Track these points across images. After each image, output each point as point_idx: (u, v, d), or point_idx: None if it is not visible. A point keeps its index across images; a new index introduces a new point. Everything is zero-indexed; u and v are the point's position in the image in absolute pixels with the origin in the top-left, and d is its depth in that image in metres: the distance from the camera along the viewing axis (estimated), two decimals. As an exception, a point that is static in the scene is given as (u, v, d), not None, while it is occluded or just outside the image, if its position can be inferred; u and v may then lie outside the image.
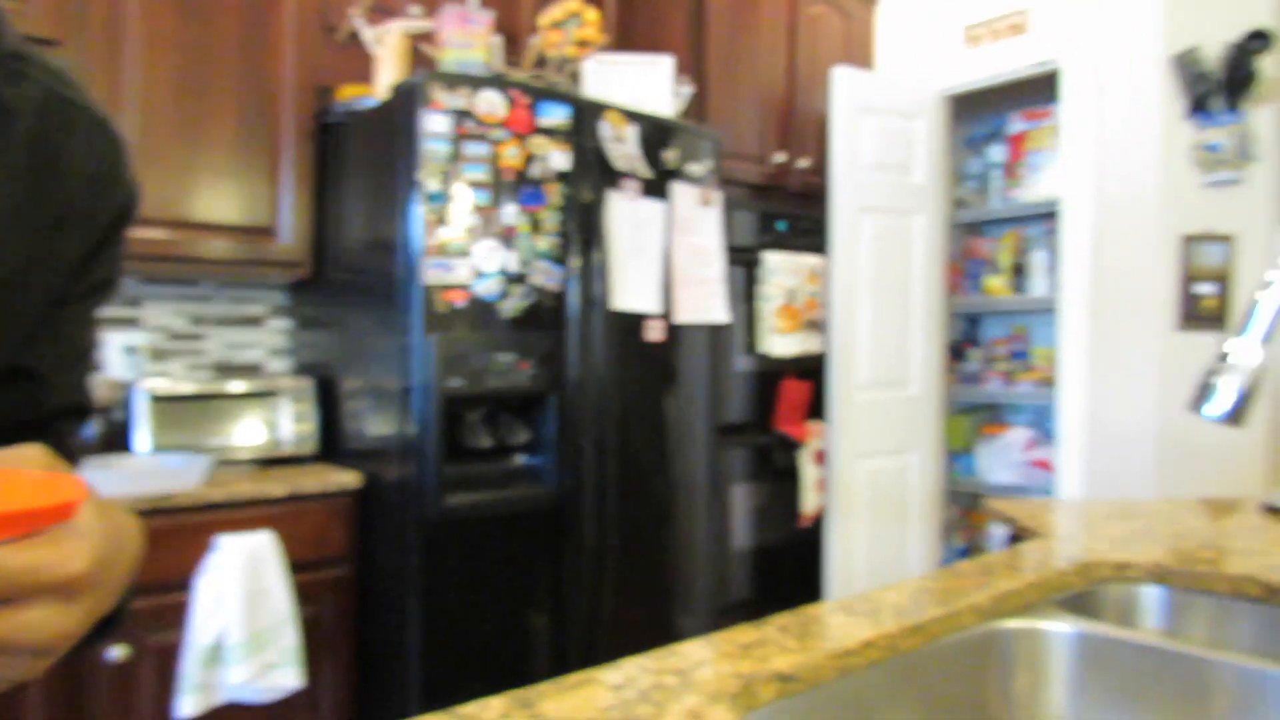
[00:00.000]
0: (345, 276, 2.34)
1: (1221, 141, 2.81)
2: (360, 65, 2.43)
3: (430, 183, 1.96)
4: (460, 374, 2.01)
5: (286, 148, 2.36)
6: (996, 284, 3.74)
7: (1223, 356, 0.77)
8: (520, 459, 2.24)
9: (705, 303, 2.49)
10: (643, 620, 2.38)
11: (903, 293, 3.30)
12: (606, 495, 2.27)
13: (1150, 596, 1.18)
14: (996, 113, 3.82)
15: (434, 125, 1.97)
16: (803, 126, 3.26)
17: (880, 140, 3.21)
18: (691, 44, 2.96)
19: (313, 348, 2.57)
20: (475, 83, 2.03)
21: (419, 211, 1.96)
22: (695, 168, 2.48)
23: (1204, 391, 0.75)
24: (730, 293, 2.69)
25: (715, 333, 2.59)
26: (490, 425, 2.17)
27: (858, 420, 3.15)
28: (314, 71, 2.38)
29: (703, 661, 0.81)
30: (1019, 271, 3.71)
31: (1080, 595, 1.15)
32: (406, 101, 2.00)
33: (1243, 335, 0.76)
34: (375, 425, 2.17)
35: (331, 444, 2.38)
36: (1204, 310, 2.86)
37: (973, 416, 3.91)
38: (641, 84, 2.52)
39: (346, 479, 2.15)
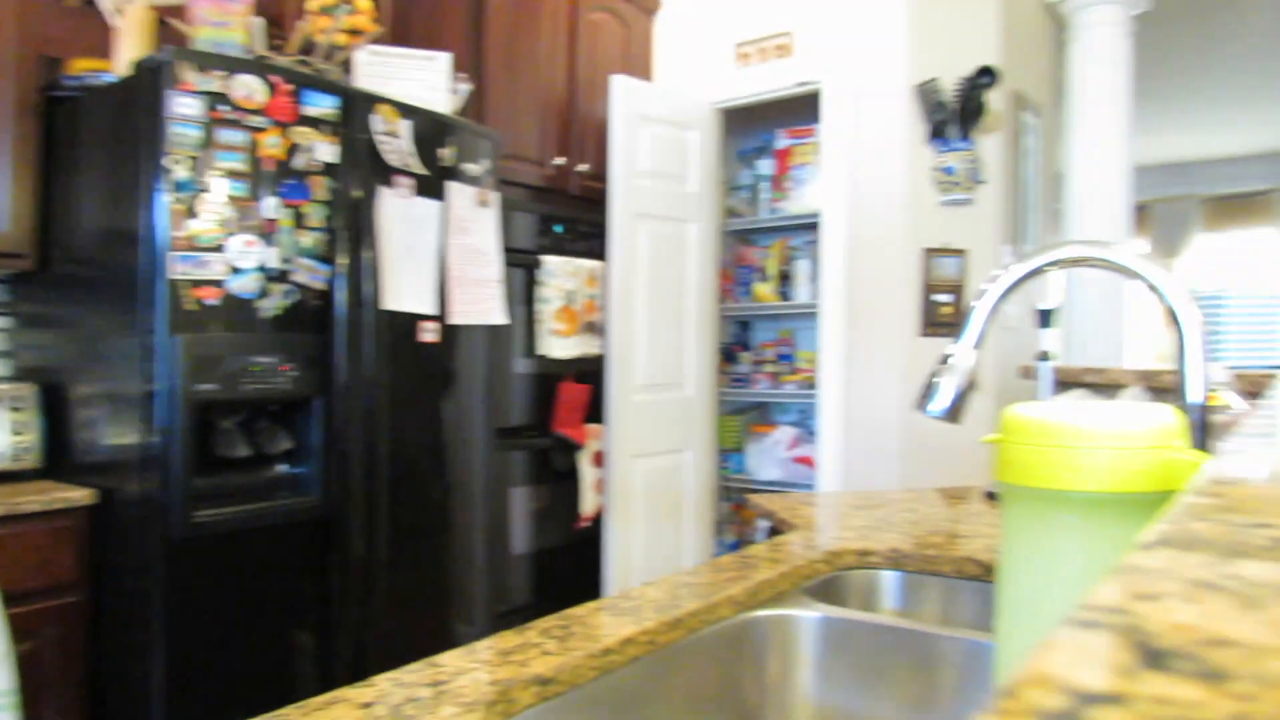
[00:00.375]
0: (77, 270, 2.10)
1: (955, 165, 3.12)
2: (96, 36, 2.19)
3: (178, 170, 1.80)
4: (212, 377, 1.86)
5: (3, 121, 2.08)
6: (765, 290, 3.95)
7: (944, 359, 0.85)
8: (282, 468, 2.10)
9: (482, 304, 2.45)
10: (419, 632, 2.30)
11: (678, 297, 3.42)
12: (377, 503, 2.17)
13: (889, 580, 1.28)
14: (766, 128, 4.04)
15: (183, 108, 1.81)
16: (583, 131, 3.30)
17: (657, 149, 3.30)
18: (470, 41, 2.91)
19: (36, 349, 2.29)
20: (231, 64, 1.89)
21: (165, 201, 1.79)
22: (472, 167, 2.43)
23: (927, 391, 0.82)
24: (509, 295, 2.66)
25: (493, 335, 2.56)
26: (249, 433, 2.02)
27: (635, 421, 3.22)
28: (40, 40, 2.12)
29: (461, 671, 0.79)
30: (786, 279, 3.94)
31: (827, 582, 1.23)
32: (152, 80, 1.83)
33: (960, 340, 0.84)
34: (112, 435, 1.96)
35: (58, 457, 2.13)
36: (941, 317, 3.16)
37: (743, 416, 4.11)
38: (417, 79, 2.45)
39: (76, 495, 1.93)
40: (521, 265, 2.90)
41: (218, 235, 1.86)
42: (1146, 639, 0.16)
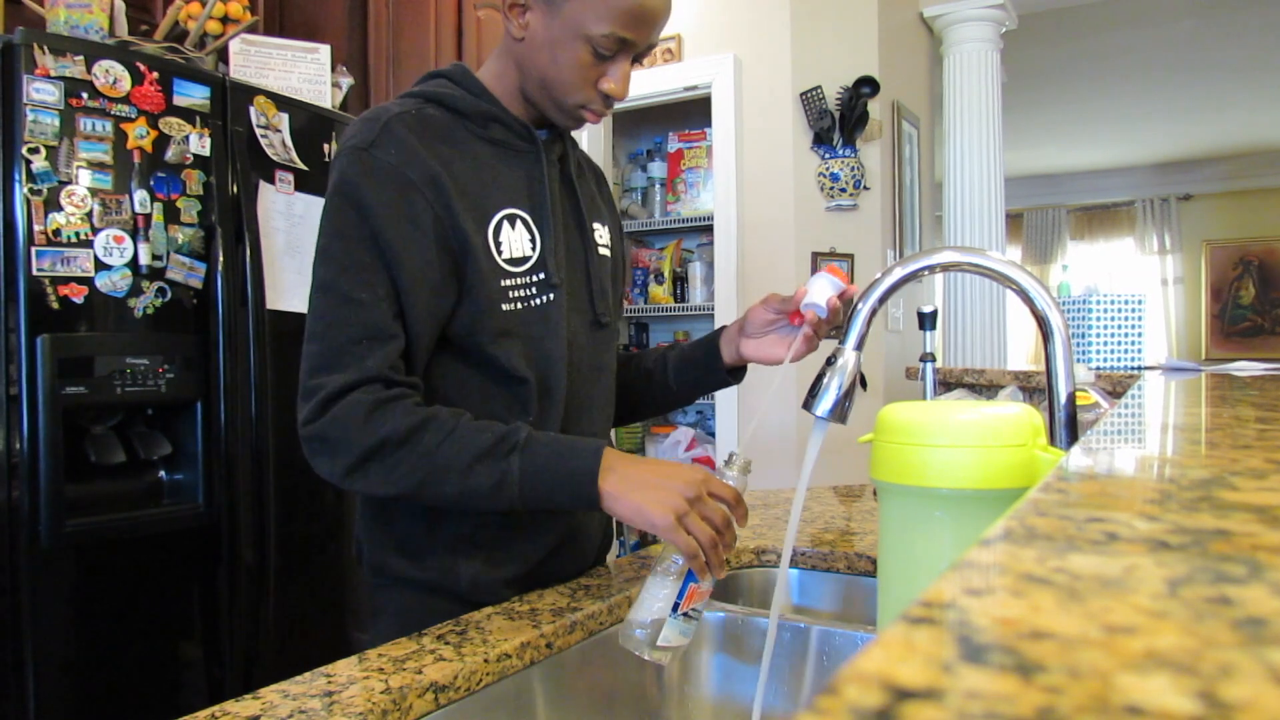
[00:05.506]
0: (-77, 266, 1.95)
1: (840, 172, 3.22)
2: (-55, 15, 2.04)
3: (36, 160, 1.70)
4: (81, 380, 1.76)
5: None
6: (660, 293, 3.99)
7: (830, 360, 0.88)
8: (163, 474, 2.00)
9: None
10: (313, 642, 2.23)
11: (575, 298, 3.41)
12: (267, 510, 2.10)
13: (788, 576, 1.31)
14: (657, 130, 4.08)
15: (39, 94, 1.70)
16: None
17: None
18: (352, 34, 2.84)
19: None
20: (91, 49, 1.79)
21: (22, 192, 1.69)
22: (361, 164, 2.37)
23: (813, 392, 0.85)
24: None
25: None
26: (125, 438, 1.92)
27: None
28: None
29: (353, 680, 0.77)
30: (680, 281, 3.98)
31: (726, 580, 1.25)
32: (3, 63, 1.72)
33: (844, 342, 0.87)
34: (-35, 443, 1.83)
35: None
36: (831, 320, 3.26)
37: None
38: (296, 71, 2.37)
39: (-76, 509, 1.79)
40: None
41: (83, 230, 1.77)
42: (970, 634, 0.17)
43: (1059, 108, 6.44)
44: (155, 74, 1.89)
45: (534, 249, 1.03)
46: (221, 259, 2.00)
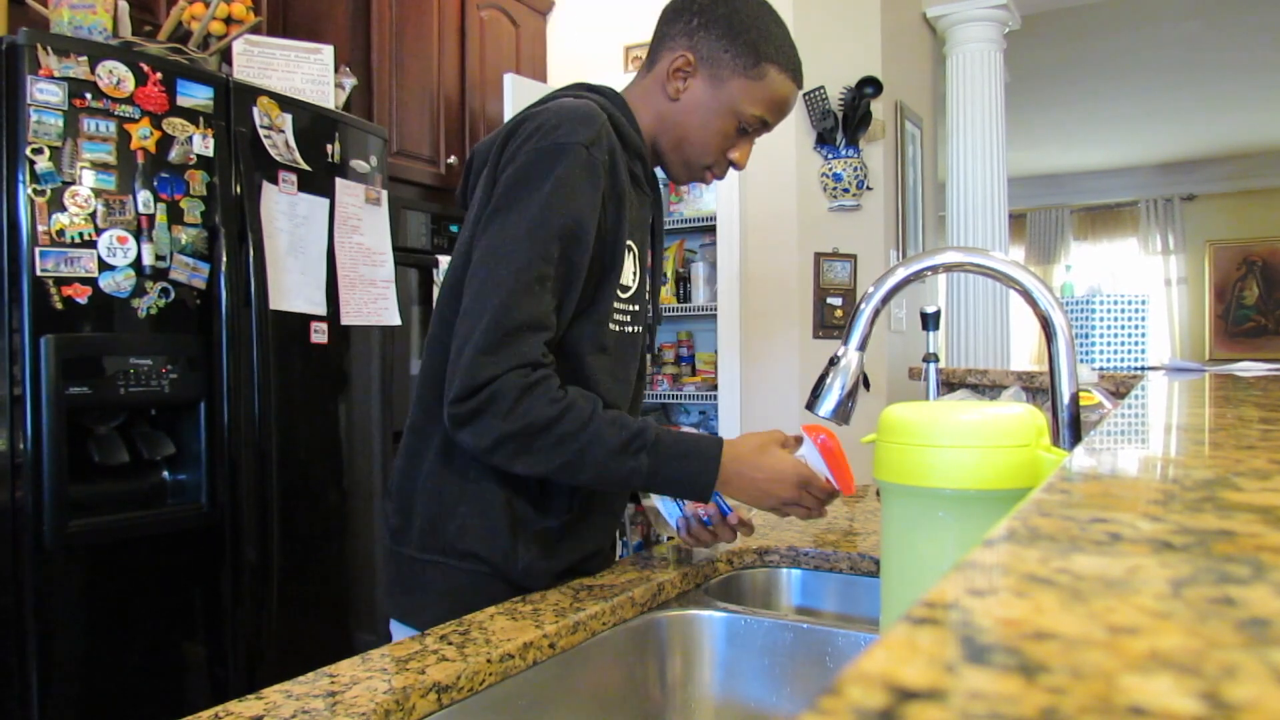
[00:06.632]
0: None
1: (843, 172, 3.22)
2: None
3: (40, 160, 1.70)
4: (85, 380, 1.77)
5: None
6: (663, 293, 3.99)
7: (832, 360, 0.88)
8: (166, 474, 2.01)
9: (374, 304, 2.39)
10: (317, 641, 2.23)
11: (577, 299, 3.41)
12: (270, 509, 2.10)
13: (788, 578, 1.31)
14: (662, 132, 4.08)
15: (43, 94, 1.71)
16: (476, 130, 3.26)
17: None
18: (355, 35, 2.84)
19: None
20: (95, 50, 1.80)
21: (27, 193, 1.69)
22: (361, 164, 2.38)
23: (816, 392, 0.85)
24: (403, 295, 2.61)
25: (387, 336, 2.50)
26: (128, 438, 1.92)
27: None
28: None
29: (356, 680, 0.77)
30: (684, 281, 3.98)
31: (728, 581, 1.25)
32: (7, 65, 1.72)
33: (847, 343, 0.87)
34: (-28, 443, 1.84)
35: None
36: (834, 320, 3.26)
37: (646, 417, 4.14)
38: (299, 72, 2.38)
39: (-72, 509, 1.80)
40: (415, 265, 2.84)
41: (87, 230, 1.77)
42: (974, 634, 0.17)
43: (1062, 108, 6.43)
44: (159, 75, 1.89)
45: (634, 280, 1.13)
46: (225, 259, 2.00)
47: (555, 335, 1.02)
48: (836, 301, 3.26)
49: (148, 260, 1.86)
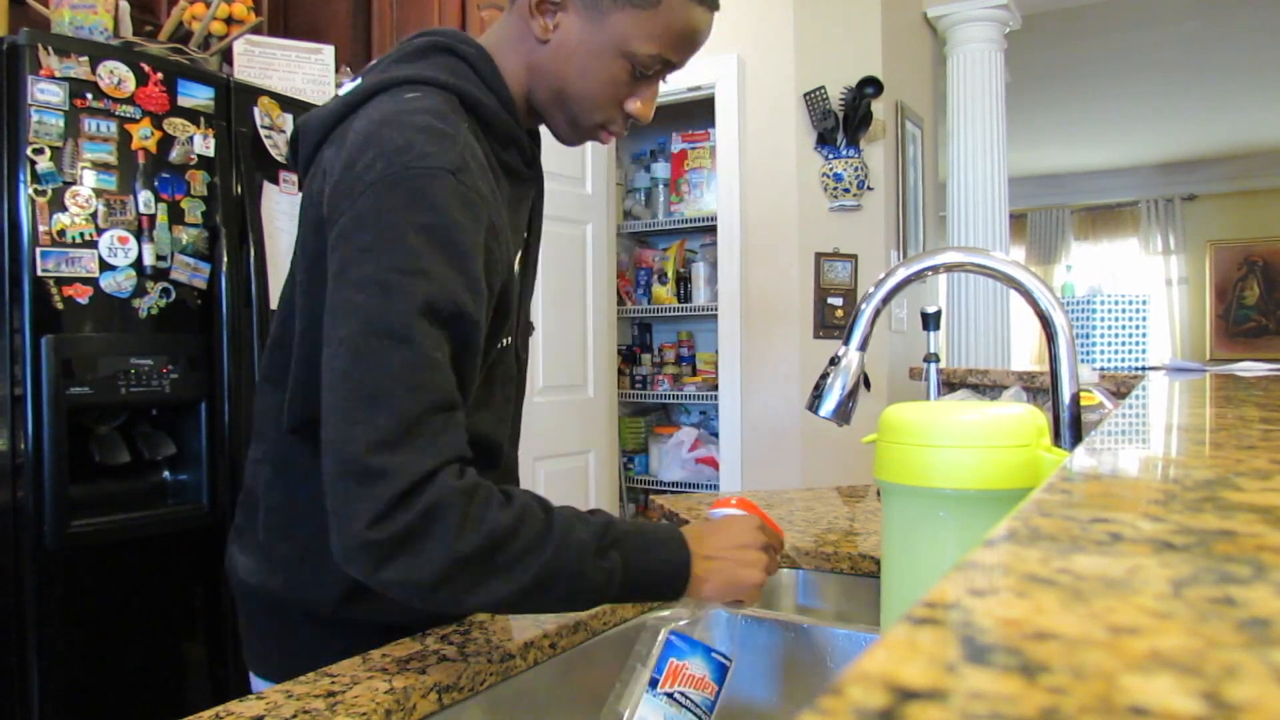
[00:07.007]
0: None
1: (844, 172, 3.22)
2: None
3: (41, 160, 1.70)
4: (86, 380, 1.77)
5: None
6: (664, 293, 3.99)
7: (832, 360, 0.88)
8: (167, 474, 2.01)
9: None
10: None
11: (579, 299, 3.41)
12: (267, 511, 2.10)
13: (789, 578, 1.31)
14: (660, 131, 4.08)
15: (44, 94, 1.71)
16: (479, 130, 3.25)
17: (553, 149, 3.29)
18: (356, 35, 2.84)
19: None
20: (96, 50, 1.80)
21: (28, 193, 1.69)
22: (365, 164, 2.37)
23: (816, 393, 0.85)
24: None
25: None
26: (129, 438, 1.92)
27: (537, 423, 3.21)
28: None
29: (356, 680, 0.77)
30: (684, 281, 3.98)
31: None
32: (7, 64, 1.72)
33: (847, 343, 0.87)
34: (-28, 443, 1.84)
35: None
36: (835, 320, 3.26)
37: (646, 418, 4.13)
38: (300, 72, 2.38)
39: (-72, 509, 1.80)
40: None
41: (88, 230, 1.77)
42: (974, 634, 0.17)
43: (1063, 108, 6.43)
44: (160, 75, 1.89)
45: (511, 302, 0.90)
46: (225, 259, 2.01)
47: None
48: (837, 301, 3.26)
49: (148, 260, 1.86)
